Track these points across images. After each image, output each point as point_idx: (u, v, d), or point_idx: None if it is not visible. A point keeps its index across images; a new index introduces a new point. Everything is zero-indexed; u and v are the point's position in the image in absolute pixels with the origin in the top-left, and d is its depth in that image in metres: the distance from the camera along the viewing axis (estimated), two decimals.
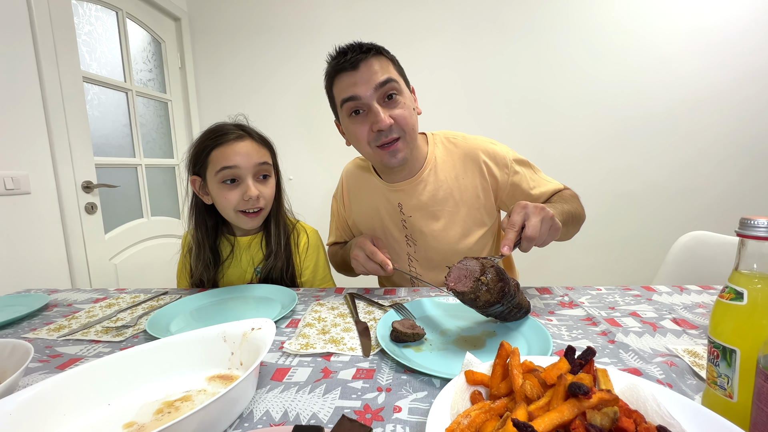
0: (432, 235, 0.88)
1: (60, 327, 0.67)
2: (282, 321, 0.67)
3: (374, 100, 0.76)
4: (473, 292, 0.50)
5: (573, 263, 1.97)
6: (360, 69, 0.75)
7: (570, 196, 0.86)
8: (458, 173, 0.87)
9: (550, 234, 0.62)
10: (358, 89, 0.76)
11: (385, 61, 0.78)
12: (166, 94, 2.02)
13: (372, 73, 0.75)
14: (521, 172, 0.87)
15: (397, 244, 0.94)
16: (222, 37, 2.11)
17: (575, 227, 0.83)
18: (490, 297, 0.51)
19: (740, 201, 1.87)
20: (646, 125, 1.88)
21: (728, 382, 0.35)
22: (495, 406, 0.33)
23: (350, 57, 0.75)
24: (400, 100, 0.78)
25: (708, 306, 0.68)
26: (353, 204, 0.99)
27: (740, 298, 0.34)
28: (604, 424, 0.28)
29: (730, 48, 1.77)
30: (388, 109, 0.77)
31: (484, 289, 0.50)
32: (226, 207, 0.84)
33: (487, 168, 0.86)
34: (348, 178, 1.01)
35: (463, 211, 0.87)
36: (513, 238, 0.59)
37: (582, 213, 0.84)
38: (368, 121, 0.78)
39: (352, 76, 0.76)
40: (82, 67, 1.49)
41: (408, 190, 0.88)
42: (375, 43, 0.79)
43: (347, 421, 0.32)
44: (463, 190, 0.87)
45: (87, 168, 1.49)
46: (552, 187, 0.89)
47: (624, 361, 0.49)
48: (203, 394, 0.45)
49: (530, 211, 0.60)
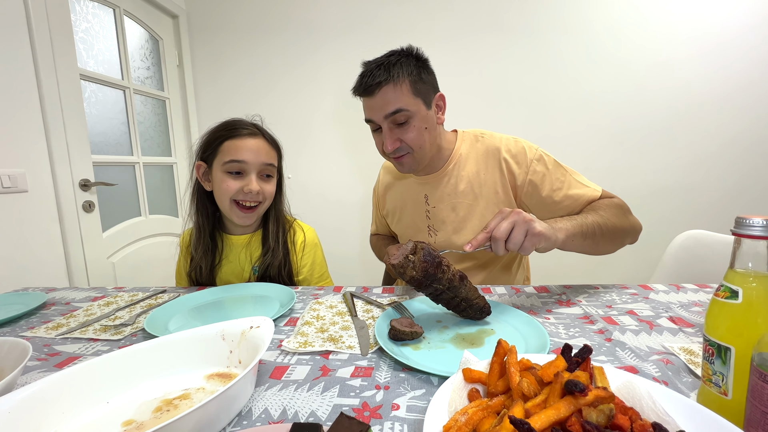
0: (452, 225, 0.93)
1: (58, 325, 0.67)
2: (280, 319, 0.67)
3: (386, 124, 0.82)
4: (402, 267, 0.56)
5: (570, 262, 1.97)
6: (375, 96, 0.80)
7: (607, 205, 0.80)
8: (480, 168, 0.90)
9: (530, 240, 0.61)
10: (373, 114, 0.83)
11: (402, 86, 0.79)
12: (163, 92, 2.01)
13: (384, 103, 0.80)
14: (543, 171, 0.85)
15: (420, 234, 0.99)
16: (220, 35, 2.10)
17: (609, 240, 0.77)
18: (414, 273, 0.55)
19: (737, 200, 1.87)
20: (644, 125, 1.88)
21: (723, 380, 0.35)
22: (492, 403, 0.33)
23: (367, 82, 0.80)
24: (412, 123, 0.82)
25: (704, 304, 0.68)
26: (387, 196, 1.07)
27: (735, 296, 0.35)
28: (600, 421, 0.29)
29: (727, 49, 1.77)
30: (398, 132, 0.83)
31: (410, 266, 0.55)
32: (224, 194, 0.86)
33: (507, 164, 0.88)
34: (385, 173, 1.09)
35: (482, 204, 0.90)
36: (481, 238, 0.61)
37: (622, 223, 0.78)
38: (381, 138, 0.85)
39: (368, 101, 0.83)
40: (79, 65, 1.48)
41: (433, 183, 0.94)
42: (397, 63, 0.80)
43: (345, 418, 0.32)
44: (483, 185, 0.90)
45: (84, 166, 1.48)
46: (586, 193, 0.84)
47: (620, 359, 0.50)
48: (202, 392, 0.45)
49: (504, 215, 0.61)
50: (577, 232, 0.69)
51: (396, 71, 0.79)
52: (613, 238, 0.77)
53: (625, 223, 0.79)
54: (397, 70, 0.79)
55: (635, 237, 0.83)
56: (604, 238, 0.75)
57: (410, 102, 0.81)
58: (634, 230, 0.82)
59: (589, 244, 0.73)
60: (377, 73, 0.79)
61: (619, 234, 0.78)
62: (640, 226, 0.83)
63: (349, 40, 1.99)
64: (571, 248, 0.72)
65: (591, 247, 0.75)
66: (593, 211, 0.79)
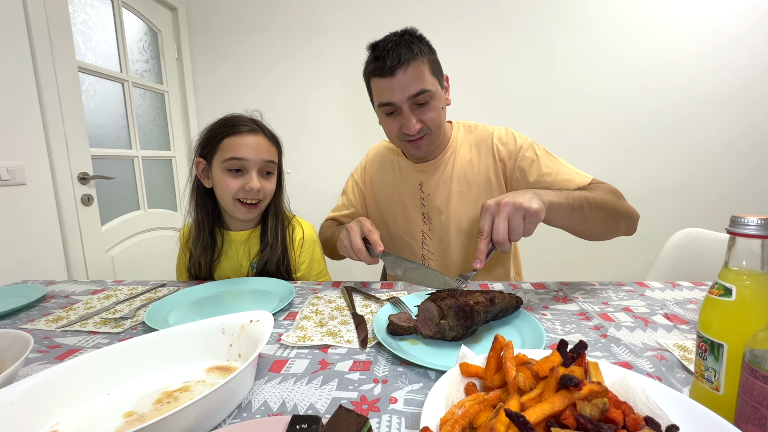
0: (446, 212, 0.93)
1: (58, 318, 0.68)
2: (280, 314, 0.67)
3: (407, 106, 0.80)
4: (439, 333, 0.53)
5: (567, 258, 1.98)
6: (396, 77, 0.78)
7: (597, 187, 0.79)
8: (473, 157, 0.92)
9: (530, 222, 0.59)
10: (393, 96, 0.80)
11: (422, 65, 0.79)
12: (162, 85, 2.00)
13: (407, 83, 0.78)
14: (532, 157, 0.86)
15: (414, 221, 0.98)
16: (219, 28, 2.08)
17: (600, 217, 0.74)
18: (456, 333, 0.53)
19: (734, 199, 1.88)
20: (642, 122, 1.89)
21: (715, 376, 0.36)
22: (488, 397, 0.34)
23: (388, 63, 0.77)
24: (431, 104, 0.81)
25: (699, 302, 0.69)
26: (374, 180, 1.04)
27: (729, 294, 0.35)
28: (594, 415, 0.29)
29: (727, 49, 1.77)
30: (419, 113, 0.81)
31: (448, 329, 0.53)
32: (226, 193, 0.85)
33: (498, 151, 0.90)
34: (375, 156, 1.06)
35: (474, 192, 0.91)
36: (483, 249, 0.59)
37: (613, 203, 0.75)
38: (400, 121, 0.83)
39: (388, 82, 0.79)
40: (77, 57, 1.47)
41: (429, 171, 0.94)
42: (413, 42, 0.78)
43: (344, 411, 0.32)
44: (476, 173, 0.91)
45: (83, 159, 1.48)
46: (576, 178, 0.82)
47: (615, 355, 0.51)
48: (202, 385, 0.46)
49: (493, 212, 0.59)
50: (563, 202, 0.67)
51: (416, 50, 0.78)
52: (604, 216, 0.74)
53: (617, 204, 0.76)
54: (417, 50, 0.78)
55: (631, 224, 0.81)
56: (593, 213, 0.72)
57: (431, 82, 0.80)
58: (628, 215, 0.79)
59: (578, 217, 0.70)
60: (400, 52, 0.77)
61: (610, 212, 0.75)
62: (635, 212, 0.81)
63: (351, 34, 1.98)
64: (559, 221, 0.69)
65: (581, 221, 0.72)
66: (582, 189, 0.78)
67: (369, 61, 0.82)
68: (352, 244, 0.74)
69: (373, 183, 1.04)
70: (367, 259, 0.74)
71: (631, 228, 0.82)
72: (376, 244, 0.71)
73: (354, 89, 2.00)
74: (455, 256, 0.95)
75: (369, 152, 1.09)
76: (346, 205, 1.08)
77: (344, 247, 0.77)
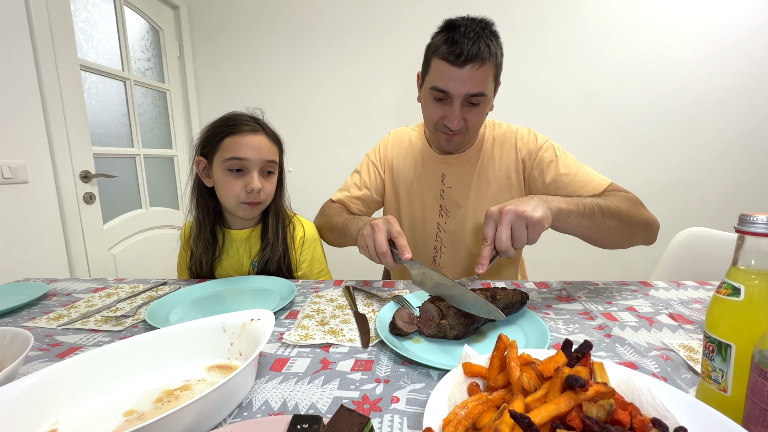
0: (464, 207, 0.94)
1: (59, 316, 0.68)
2: (281, 312, 0.67)
3: (459, 101, 0.79)
4: (440, 333, 0.54)
5: (571, 258, 1.97)
6: (464, 69, 0.75)
7: (613, 194, 0.76)
8: (495, 155, 0.93)
9: (533, 231, 0.58)
10: (452, 87, 0.77)
11: (489, 70, 0.77)
12: (164, 83, 2.00)
13: (471, 81, 0.76)
14: (551, 157, 0.86)
15: (431, 212, 0.97)
16: (221, 27, 2.08)
17: (615, 226, 0.70)
18: (458, 332, 0.53)
19: (739, 197, 1.87)
20: (646, 121, 1.88)
21: (723, 377, 0.35)
22: (492, 397, 0.33)
23: (464, 54, 0.73)
24: (480, 107, 0.81)
25: (704, 301, 0.68)
26: (395, 164, 1.00)
27: (737, 293, 0.35)
28: (600, 416, 0.29)
29: (730, 47, 1.76)
30: (466, 111, 0.81)
31: (449, 328, 0.53)
32: (228, 195, 0.85)
33: (519, 150, 0.91)
34: (397, 140, 1.02)
35: (494, 189, 0.92)
36: (487, 255, 0.58)
37: (630, 211, 0.72)
38: (444, 110, 0.81)
39: (454, 71, 0.76)
40: (79, 55, 1.47)
41: (453, 164, 0.94)
42: (492, 39, 0.76)
43: (345, 411, 0.32)
44: (497, 170, 0.92)
45: (85, 157, 1.48)
46: (594, 180, 0.81)
47: (620, 355, 0.50)
48: (203, 384, 0.45)
49: (496, 219, 0.58)
50: (572, 209, 0.64)
51: (493, 50, 0.76)
52: (619, 224, 0.70)
53: (634, 212, 0.72)
54: (492, 51, 0.76)
55: (650, 234, 0.77)
56: (606, 221, 0.68)
57: (489, 87, 0.80)
58: (647, 224, 0.75)
59: (589, 224, 0.67)
60: (480, 47, 0.74)
61: (625, 221, 0.71)
62: (655, 221, 0.77)
63: (353, 33, 1.98)
64: (569, 228, 0.66)
65: (593, 229, 0.69)
66: (596, 196, 0.75)
67: (441, 41, 0.77)
68: (376, 245, 0.66)
69: (393, 166, 1.00)
70: (390, 264, 0.67)
71: (650, 238, 0.78)
72: (404, 249, 0.64)
73: (356, 87, 2.00)
74: (468, 252, 0.96)
75: (389, 135, 1.05)
76: (358, 185, 1.01)
77: (365, 246, 0.69)
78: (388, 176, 1.01)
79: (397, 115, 2.01)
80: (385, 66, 1.98)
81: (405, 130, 1.04)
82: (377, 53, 1.98)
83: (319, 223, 1.00)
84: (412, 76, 0.88)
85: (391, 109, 2.02)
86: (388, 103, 2.01)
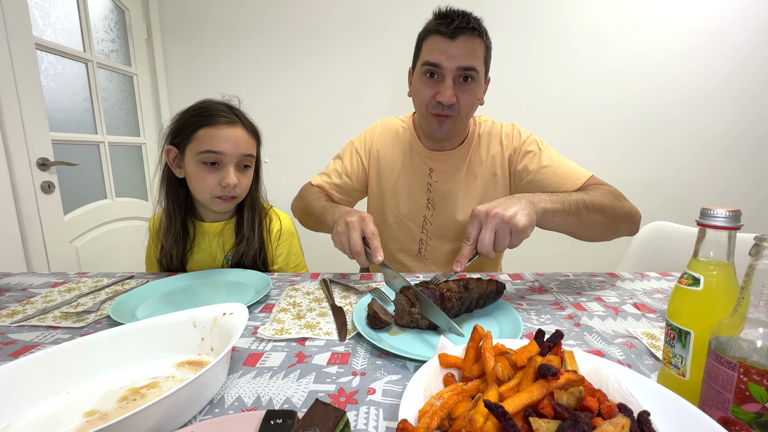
0: (451, 202, 0.95)
1: (13, 312, 0.63)
2: (255, 306, 0.65)
3: (451, 75, 0.80)
4: (413, 323, 0.55)
5: (543, 251, 2.04)
6: (457, 41, 0.78)
7: (596, 188, 0.78)
8: (482, 150, 0.94)
9: (516, 237, 0.59)
10: (446, 59, 0.79)
11: (481, 46, 0.80)
12: (131, 67, 1.89)
13: (462, 52, 0.78)
14: (534, 150, 0.90)
15: (417, 205, 0.97)
16: (192, 7, 1.97)
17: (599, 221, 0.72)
18: (429, 321, 0.54)
19: (701, 194, 1.99)
20: (617, 120, 1.95)
21: (682, 362, 0.37)
22: (467, 387, 0.34)
23: (454, 25, 0.77)
24: (471, 86, 0.82)
25: (666, 292, 0.72)
26: (381, 154, 0.99)
27: (697, 283, 0.36)
28: (570, 403, 0.30)
29: (709, 45, 1.86)
30: (458, 88, 0.81)
31: (420, 317, 0.54)
32: (202, 188, 0.81)
33: (504, 146, 0.93)
34: (385, 130, 1.01)
35: (481, 184, 0.94)
36: (467, 254, 0.59)
37: (613, 204, 0.73)
38: (436, 87, 0.82)
39: (446, 43, 0.78)
40: (34, 33, 1.36)
41: (442, 160, 0.94)
42: (480, 21, 0.81)
43: (321, 404, 0.32)
44: (484, 166, 0.94)
45: (42, 144, 1.38)
46: (576, 173, 0.83)
47: (588, 343, 0.52)
48: (171, 381, 0.43)
49: (482, 220, 0.59)
50: (558, 208, 0.66)
51: (482, 30, 0.80)
52: (603, 219, 0.72)
53: (617, 206, 0.74)
54: (482, 30, 0.80)
55: (633, 226, 0.80)
56: (591, 216, 0.70)
57: (480, 65, 0.81)
58: (630, 216, 0.77)
59: (574, 221, 0.68)
60: (469, 20, 0.78)
61: (609, 215, 0.73)
62: (637, 213, 0.79)
63: (335, 21, 1.93)
64: (554, 226, 0.68)
65: (578, 226, 0.71)
66: (580, 191, 0.76)
67: (432, 20, 0.81)
68: (351, 243, 0.66)
69: (380, 156, 0.99)
70: (363, 263, 0.68)
71: (633, 229, 0.80)
72: (376, 252, 0.64)
73: (335, 74, 1.96)
74: (454, 245, 0.97)
75: (377, 124, 1.03)
76: (338, 172, 0.99)
77: (340, 242, 0.69)
78: (373, 166, 1.00)
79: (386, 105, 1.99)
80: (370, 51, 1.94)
81: (394, 120, 1.03)
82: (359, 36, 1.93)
83: (297, 206, 0.99)
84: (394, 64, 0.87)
85: (373, 97, 1.99)
86: (370, 91, 1.98)
